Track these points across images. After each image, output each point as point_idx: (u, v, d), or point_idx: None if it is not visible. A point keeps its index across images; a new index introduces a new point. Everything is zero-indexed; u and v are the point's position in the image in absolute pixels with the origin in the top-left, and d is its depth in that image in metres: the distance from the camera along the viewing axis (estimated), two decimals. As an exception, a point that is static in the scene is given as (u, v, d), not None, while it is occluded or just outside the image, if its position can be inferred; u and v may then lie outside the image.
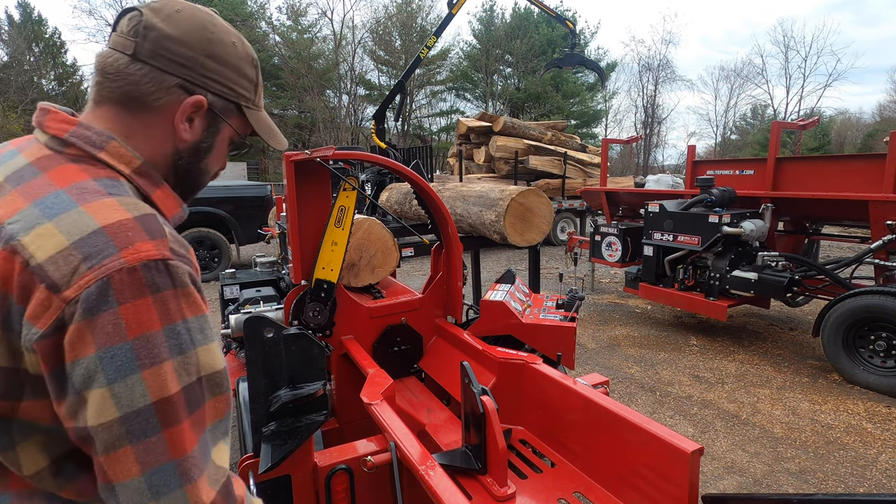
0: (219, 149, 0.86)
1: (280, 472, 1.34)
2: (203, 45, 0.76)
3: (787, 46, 34.63)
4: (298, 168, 1.88)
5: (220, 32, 0.79)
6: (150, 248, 0.64)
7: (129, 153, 0.74)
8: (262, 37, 28.89)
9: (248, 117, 0.85)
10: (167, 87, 0.75)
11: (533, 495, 1.38)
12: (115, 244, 0.62)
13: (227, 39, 0.80)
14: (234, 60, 0.81)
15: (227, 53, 0.79)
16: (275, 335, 1.29)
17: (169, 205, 0.78)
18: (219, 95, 0.80)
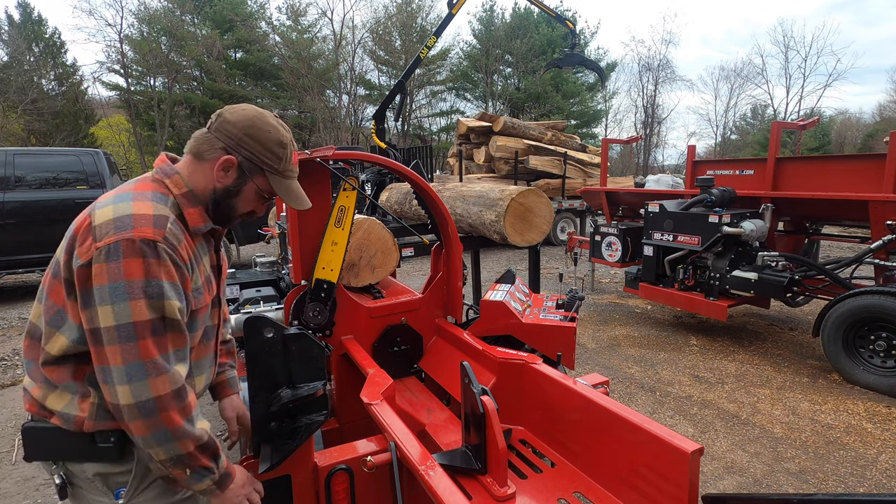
0: (246, 195, 1.24)
1: (280, 472, 1.34)
2: (245, 128, 1.18)
3: (787, 46, 34.59)
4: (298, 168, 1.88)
5: (262, 123, 1.20)
6: (149, 232, 1.04)
7: (183, 183, 1.18)
8: (262, 37, 28.88)
9: (270, 179, 1.24)
10: (215, 148, 1.19)
11: (533, 495, 1.38)
12: (133, 224, 1.03)
13: (265, 128, 1.20)
14: (265, 140, 1.20)
15: (261, 136, 1.19)
16: (275, 335, 1.29)
17: (194, 218, 1.18)
18: (247, 159, 1.19)
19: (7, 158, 6.72)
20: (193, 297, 1.17)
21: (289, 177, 1.26)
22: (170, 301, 1.04)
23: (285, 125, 1.27)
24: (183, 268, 1.10)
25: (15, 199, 6.68)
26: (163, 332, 1.04)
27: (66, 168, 7.05)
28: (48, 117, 23.42)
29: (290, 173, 1.26)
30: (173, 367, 1.05)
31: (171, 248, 1.06)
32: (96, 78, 28.79)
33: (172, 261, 1.06)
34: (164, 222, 1.07)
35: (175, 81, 27.37)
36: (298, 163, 1.46)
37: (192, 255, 1.16)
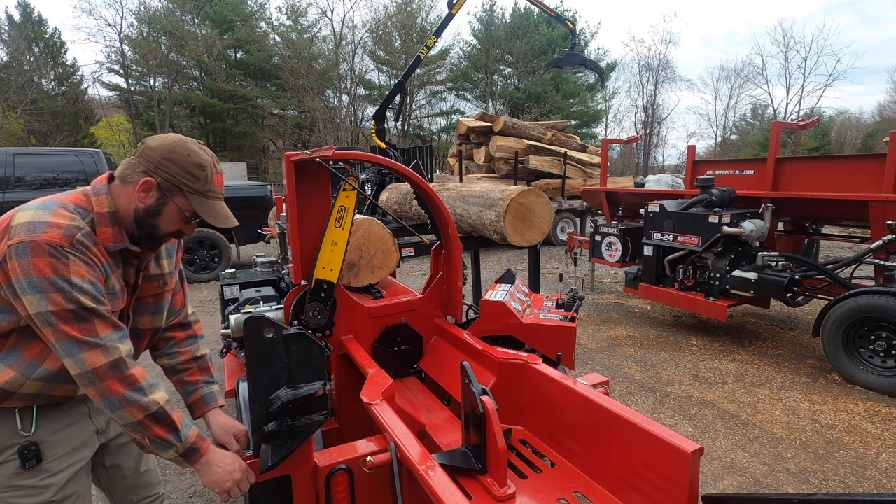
0: (168, 215, 1.32)
1: (280, 472, 1.34)
2: (164, 152, 1.28)
3: (788, 46, 34.63)
4: (298, 168, 1.88)
5: (181, 148, 1.29)
6: (55, 237, 1.16)
7: (106, 203, 1.29)
8: (262, 37, 28.88)
9: (190, 200, 1.31)
10: (137, 171, 1.29)
11: (533, 495, 1.38)
12: (45, 230, 1.16)
13: (184, 152, 1.29)
14: (183, 163, 1.28)
15: (180, 158, 1.28)
16: (275, 335, 1.29)
17: (105, 236, 1.28)
18: (166, 180, 1.28)
19: (7, 158, 6.72)
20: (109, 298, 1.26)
21: (211, 197, 1.34)
22: (83, 294, 1.17)
23: (208, 151, 1.36)
24: (96, 268, 1.22)
25: (15, 200, 6.67)
26: (89, 319, 1.17)
27: (66, 168, 7.05)
28: (48, 117, 23.44)
29: (212, 194, 1.34)
30: (105, 342, 1.18)
31: (81, 251, 1.19)
32: (96, 78, 28.87)
33: (83, 261, 1.19)
34: (75, 231, 1.19)
35: (175, 81, 27.37)
36: (298, 163, 1.48)
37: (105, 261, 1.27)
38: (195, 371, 1.58)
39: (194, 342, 1.63)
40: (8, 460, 1.28)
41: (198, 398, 1.54)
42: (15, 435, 1.29)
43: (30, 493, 1.31)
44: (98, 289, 1.21)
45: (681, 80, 52.02)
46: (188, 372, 1.57)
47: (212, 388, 1.58)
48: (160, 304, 1.50)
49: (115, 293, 1.30)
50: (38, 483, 1.31)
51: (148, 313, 1.48)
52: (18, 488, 1.30)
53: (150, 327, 1.50)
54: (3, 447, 1.29)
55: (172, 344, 1.60)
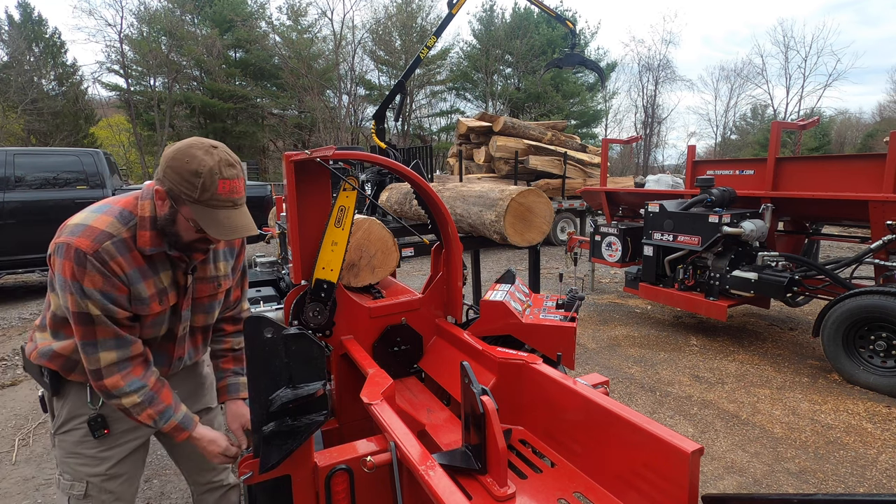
0: (181, 223, 1.32)
1: (280, 472, 1.34)
2: (169, 158, 1.26)
3: (788, 46, 34.61)
4: (298, 168, 1.88)
5: (183, 154, 1.25)
6: (85, 244, 1.24)
7: (149, 207, 1.33)
8: (262, 37, 28.87)
9: (192, 209, 1.27)
10: (157, 179, 1.31)
11: (533, 495, 1.38)
12: (80, 234, 1.25)
13: (184, 158, 1.25)
14: (181, 170, 1.25)
15: (179, 165, 1.25)
16: (275, 335, 1.29)
17: (144, 240, 1.33)
18: (170, 189, 1.27)
19: (7, 158, 6.72)
20: (134, 304, 1.35)
21: (214, 206, 1.27)
22: (91, 301, 1.25)
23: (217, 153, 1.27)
24: (113, 278, 1.28)
25: (15, 199, 6.68)
26: (90, 324, 1.28)
27: (66, 168, 7.05)
28: (48, 117, 23.43)
29: (215, 203, 1.26)
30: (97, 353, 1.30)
31: (100, 262, 1.25)
32: (96, 78, 28.87)
33: (99, 271, 1.25)
34: (105, 239, 1.26)
35: (175, 81, 27.37)
36: (298, 163, 1.49)
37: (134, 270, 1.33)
38: (230, 360, 1.70)
39: (238, 336, 1.74)
40: (76, 428, 1.44)
41: (224, 385, 1.67)
42: (84, 405, 1.43)
43: (89, 462, 1.44)
44: (110, 298, 1.28)
45: (681, 80, 52.05)
46: (224, 360, 1.69)
47: (238, 380, 1.68)
48: (213, 304, 1.59)
49: (143, 299, 1.36)
50: (98, 454, 1.45)
51: (202, 312, 1.57)
52: (80, 455, 1.44)
53: (202, 325, 1.60)
54: (73, 415, 1.44)
55: (221, 334, 1.72)
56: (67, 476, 1.45)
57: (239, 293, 1.72)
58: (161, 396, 1.40)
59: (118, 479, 1.48)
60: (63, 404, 1.44)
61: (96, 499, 1.46)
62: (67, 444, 1.44)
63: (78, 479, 1.44)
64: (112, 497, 1.48)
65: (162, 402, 1.39)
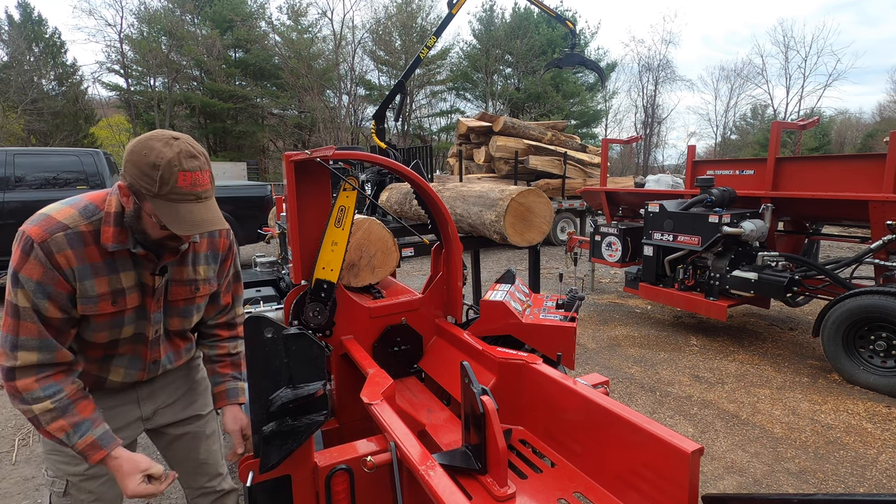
0: (145, 220, 1.26)
1: (280, 472, 1.34)
2: (128, 155, 1.21)
3: (788, 46, 34.63)
4: (298, 168, 1.88)
5: (142, 146, 1.19)
6: (35, 232, 1.21)
7: (115, 202, 1.29)
8: (262, 36, 28.87)
9: (153, 204, 1.20)
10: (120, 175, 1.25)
11: (533, 495, 1.38)
12: (38, 222, 1.23)
13: (143, 150, 1.18)
14: (139, 163, 1.18)
15: (137, 159, 1.18)
16: (275, 335, 1.29)
17: (106, 236, 1.28)
18: (131, 184, 1.21)
19: (7, 158, 6.72)
20: (81, 302, 1.28)
21: (174, 200, 1.19)
22: (22, 291, 1.22)
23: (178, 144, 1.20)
24: (54, 272, 1.22)
25: (15, 199, 6.67)
26: (16, 317, 1.23)
27: (66, 168, 7.05)
28: (48, 117, 23.42)
29: (175, 196, 1.18)
30: (15, 351, 1.23)
31: (46, 252, 1.21)
32: (96, 78, 28.90)
33: (40, 261, 1.21)
34: (58, 230, 1.23)
35: (175, 81, 27.38)
36: (298, 163, 1.46)
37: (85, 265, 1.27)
38: (227, 365, 1.65)
39: (234, 341, 1.69)
40: None
41: (222, 390, 1.62)
42: None
43: (70, 460, 1.41)
44: (44, 291, 1.22)
45: (681, 80, 52.09)
46: (220, 364, 1.65)
47: (237, 384, 1.64)
48: (190, 308, 1.53)
49: (90, 297, 1.28)
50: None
51: (177, 316, 1.51)
52: (61, 453, 1.41)
53: (179, 328, 1.55)
54: None
55: (215, 339, 1.67)
56: (50, 472, 1.44)
57: (230, 298, 1.67)
58: (78, 407, 1.27)
59: (98, 479, 1.45)
60: None
61: (75, 497, 1.44)
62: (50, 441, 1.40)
63: (59, 476, 1.43)
64: (91, 497, 1.45)
65: (78, 413, 1.27)
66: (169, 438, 1.65)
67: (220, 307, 1.65)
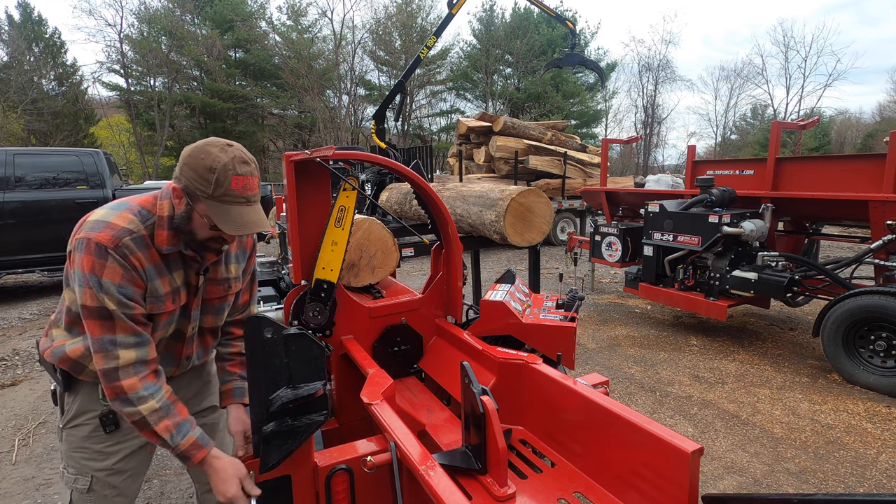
0: (196, 220, 1.33)
1: (280, 472, 1.34)
2: (185, 157, 1.29)
3: (788, 46, 34.65)
4: (298, 168, 1.88)
5: (199, 151, 1.28)
6: (105, 238, 1.26)
7: (167, 206, 1.35)
8: (262, 36, 28.88)
9: (206, 205, 1.29)
10: (175, 178, 1.32)
11: (533, 495, 1.38)
12: (101, 230, 1.27)
13: (200, 155, 1.27)
14: (197, 167, 1.27)
15: (195, 162, 1.27)
16: (275, 335, 1.29)
17: (161, 239, 1.35)
18: (186, 186, 1.29)
19: (7, 158, 6.72)
20: (150, 301, 1.35)
21: (227, 202, 1.29)
22: (108, 296, 1.25)
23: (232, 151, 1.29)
24: (132, 272, 1.29)
25: (15, 199, 6.67)
26: (108, 319, 1.27)
27: (66, 168, 7.05)
28: (48, 117, 23.43)
29: (228, 198, 1.28)
30: (115, 350, 1.27)
31: (121, 255, 1.27)
32: (96, 78, 28.90)
33: (119, 265, 1.26)
34: (124, 235, 1.28)
35: (175, 81, 27.38)
36: (298, 163, 1.47)
37: (151, 266, 1.34)
38: (237, 364, 1.69)
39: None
40: (85, 423, 1.44)
41: (229, 389, 1.65)
42: (96, 402, 1.44)
43: (96, 456, 1.45)
44: (127, 293, 1.28)
45: (681, 80, 52.07)
46: (230, 363, 1.69)
47: (244, 385, 1.67)
48: (223, 305, 1.61)
49: (159, 296, 1.37)
50: (105, 448, 1.46)
51: (212, 313, 1.58)
52: (87, 450, 1.45)
53: (212, 326, 1.61)
54: (84, 410, 1.44)
55: (230, 337, 1.72)
56: (72, 470, 1.46)
57: (248, 297, 1.73)
58: (177, 408, 1.34)
59: (123, 474, 1.48)
60: (74, 399, 1.45)
61: (99, 493, 1.46)
62: (76, 438, 1.44)
63: (83, 473, 1.45)
64: (115, 492, 1.48)
65: (179, 413, 1.33)
66: None
67: (238, 306, 1.70)
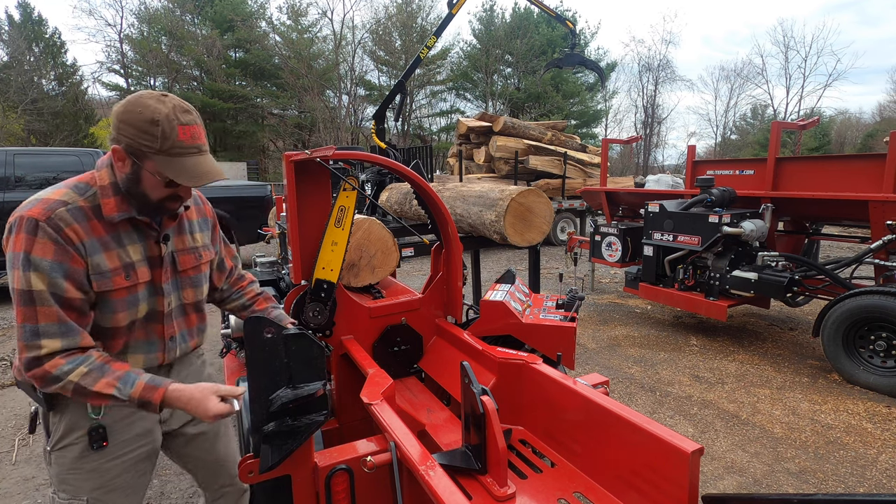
0: (147, 181, 1.25)
1: (280, 472, 1.34)
2: (121, 115, 1.19)
3: (788, 46, 34.68)
4: (298, 168, 1.88)
5: (134, 105, 1.19)
6: (36, 212, 1.17)
7: (107, 175, 1.28)
8: (262, 37, 28.88)
9: (156, 161, 1.21)
10: (111, 140, 1.23)
11: (533, 495, 1.38)
12: (33, 205, 1.18)
13: (136, 109, 1.18)
14: (137, 122, 1.18)
15: (133, 118, 1.18)
16: (275, 335, 1.29)
17: (108, 207, 1.26)
18: (129, 145, 1.20)
19: (7, 158, 6.72)
20: (94, 279, 1.24)
21: (177, 154, 1.20)
22: (36, 273, 1.15)
23: (169, 101, 1.21)
24: (66, 246, 1.18)
25: (15, 199, 6.67)
26: (31, 304, 1.16)
27: (66, 168, 7.04)
28: (48, 117, 23.41)
29: (177, 150, 1.20)
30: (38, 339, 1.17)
31: (54, 228, 1.17)
32: (96, 78, 28.88)
33: (51, 238, 1.17)
34: (57, 206, 1.19)
35: (175, 81, 27.39)
36: (298, 163, 1.45)
37: (93, 239, 1.24)
38: (261, 301, 1.71)
39: (254, 284, 1.76)
40: (75, 442, 1.33)
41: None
42: (85, 417, 1.33)
43: (88, 476, 1.35)
44: (61, 269, 1.17)
45: (681, 80, 52.14)
46: (256, 303, 1.70)
47: (280, 311, 1.70)
48: (199, 276, 1.53)
49: (103, 272, 1.25)
50: (99, 466, 1.36)
51: (189, 286, 1.50)
52: (80, 470, 1.34)
53: (192, 301, 1.52)
54: (72, 428, 1.33)
55: (239, 291, 1.72)
56: (64, 494, 1.34)
57: (230, 261, 1.72)
58: (114, 366, 1.23)
59: (119, 491, 1.40)
60: (60, 418, 1.33)
61: None
62: (66, 459, 1.33)
63: (77, 496, 1.34)
64: None
65: (117, 370, 1.23)
66: (185, 439, 1.59)
67: (227, 271, 1.71)
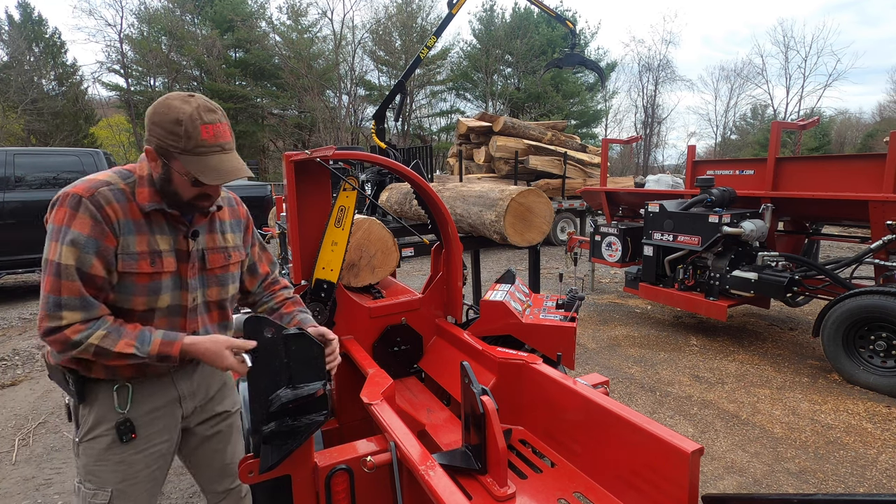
0: (176, 180, 1.30)
1: (280, 472, 1.34)
2: (151, 117, 1.26)
3: (788, 46, 34.63)
4: (298, 168, 1.89)
5: (161, 106, 1.25)
6: (81, 188, 1.24)
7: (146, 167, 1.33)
8: (262, 37, 28.87)
9: (182, 161, 1.25)
10: (145, 141, 1.29)
11: (533, 495, 1.38)
12: (79, 183, 1.26)
13: (162, 110, 1.24)
14: (163, 123, 1.24)
15: (160, 119, 1.24)
16: (275, 335, 1.29)
17: (142, 196, 1.32)
18: (158, 146, 1.26)
19: (7, 158, 6.72)
20: (122, 258, 1.28)
21: (201, 153, 1.25)
22: (69, 248, 1.20)
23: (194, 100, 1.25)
24: (103, 224, 1.24)
25: (15, 199, 6.67)
26: (58, 276, 1.21)
27: (66, 168, 7.05)
28: (48, 117, 23.41)
29: (201, 149, 1.24)
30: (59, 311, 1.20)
31: (95, 204, 1.23)
32: (96, 78, 28.85)
33: (91, 214, 1.23)
34: (101, 185, 1.27)
35: (175, 81, 27.37)
36: (298, 163, 1.45)
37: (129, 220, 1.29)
38: (289, 304, 1.70)
39: (286, 290, 1.75)
40: (104, 434, 1.37)
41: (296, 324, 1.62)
42: (112, 411, 1.37)
43: (115, 468, 1.38)
44: (94, 245, 1.23)
45: (681, 80, 52.02)
46: (284, 307, 1.69)
47: (307, 315, 1.68)
48: (226, 276, 1.54)
49: (131, 253, 1.29)
50: (125, 458, 1.39)
51: (216, 284, 1.52)
52: (108, 462, 1.38)
53: (216, 299, 1.54)
54: (100, 421, 1.37)
55: (270, 294, 1.72)
56: (90, 485, 1.38)
57: (266, 267, 1.72)
58: (129, 327, 1.28)
59: (142, 484, 1.43)
60: (90, 411, 1.38)
61: None
62: (94, 451, 1.38)
63: (103, 487, 1.38)
64: None
65: (131, 330, 1.28)
66: (198, 439, 1.60)
67: (260, 276, 1.70)
